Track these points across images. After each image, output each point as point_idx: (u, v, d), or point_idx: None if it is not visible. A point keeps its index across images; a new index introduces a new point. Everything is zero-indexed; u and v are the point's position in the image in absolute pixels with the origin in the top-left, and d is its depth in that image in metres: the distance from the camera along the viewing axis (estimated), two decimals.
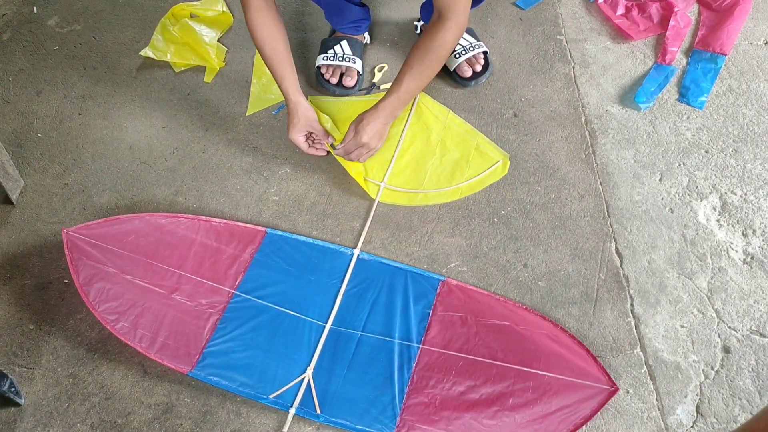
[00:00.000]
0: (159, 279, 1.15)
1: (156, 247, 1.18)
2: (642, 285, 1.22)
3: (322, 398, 1.06)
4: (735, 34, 1.59)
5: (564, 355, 1.09)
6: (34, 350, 1.13)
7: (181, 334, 1.10)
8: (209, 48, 1.53)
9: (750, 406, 1.09)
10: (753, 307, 1.20)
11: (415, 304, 1.16)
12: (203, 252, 1.20)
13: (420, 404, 1.06)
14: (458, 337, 1.12)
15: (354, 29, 1.51)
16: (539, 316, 1.15)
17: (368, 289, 1.18)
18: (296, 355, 1.10)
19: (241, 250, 1.21)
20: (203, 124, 1.45)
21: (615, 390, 1.06)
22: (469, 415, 1.04)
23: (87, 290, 1.11)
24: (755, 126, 1.45)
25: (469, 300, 1.17)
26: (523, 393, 1.06)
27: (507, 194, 1.34)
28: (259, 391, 1.06)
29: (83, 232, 1.16)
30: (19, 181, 1.32)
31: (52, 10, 1.67)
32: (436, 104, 1.46)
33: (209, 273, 1.17)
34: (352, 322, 1.14)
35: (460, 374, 1.08)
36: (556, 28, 1.64)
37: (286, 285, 1.18)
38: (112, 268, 1.14)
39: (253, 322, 1.13)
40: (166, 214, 1.22)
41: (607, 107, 1.48)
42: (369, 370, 1.09)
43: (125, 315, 1.10)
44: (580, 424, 1.04)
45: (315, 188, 1.35)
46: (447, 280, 1.19)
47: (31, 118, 1.45)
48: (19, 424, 1.06)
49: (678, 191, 1.35)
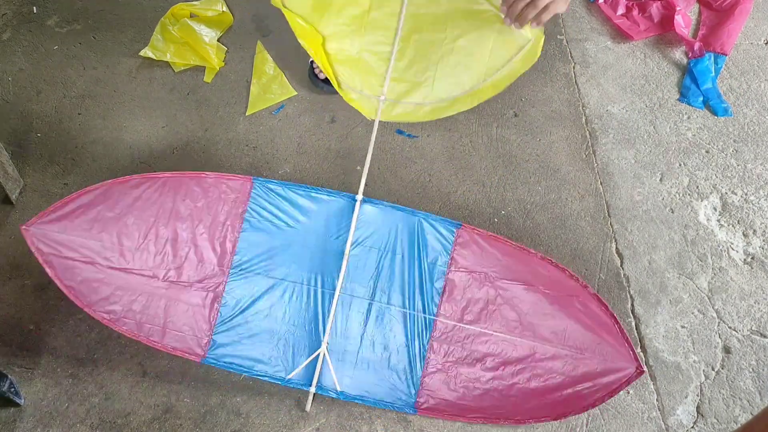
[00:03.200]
0: (146, 263, 1.04)
1: (129, 222, 1.04)
2: (642, 285, 1.22)
3: (340, 373, 1.03)
4: (735, 33, 1.59)
5: (590, 327, 1.05)
6: (33, 350, 1.13)
7: (184, 320, 1.04)
8: (209, 48, 1.53)
9: (750, 406, 1.09)
10: (753, 307, 1.20)
11: (429, 260, 1.06)
12: (188, 223, 1.06)
13: (439, 374, 1.04)
14: (476, 302, 1.06)
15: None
16: (566, 273, 1.06)
17: (377, 245, 1.06)
18: (308, 328, 1.05)
19: (228, 211, 1.07)
20: (203, 124, 1.45)
21: (640, 372, 1.03)
22: (489, 385, 1.03)
23: (76, 291, 1.01)
24: (756, 126, 1.45)
25: (488, 254, 1.06)
26: (544, 366, 1.04)
27: (507, 194, 1.34)
28: (276, 372, 1.03)
29: (44, 224, 1.02)
30: (18, 181, 1.32)
31: (52, 9, 1.67)
32: None
33: (199, 249, 1.06)
34: (362, 288, 1.06)
35: (478, 344, 1.05)
36: (556, 27, 1.64)
37: (285, 251, 1.07)
38: (91, 258, 1.02)
39: (256, 299, 1.06)
40: (133, 176, 1.06)
41: (608, 107, 1.48)
42: (385, 342, 1.05)
43: (124, 310, 1.03)
44: (600, 399, 1.03)
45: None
46: (464, 227, 1.07)
47: (31, 118, 1.45)
48: (19, 425, 1.05)
49: (678, 191, 1.34)
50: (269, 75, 1.52)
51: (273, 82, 1.51)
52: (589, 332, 1.05)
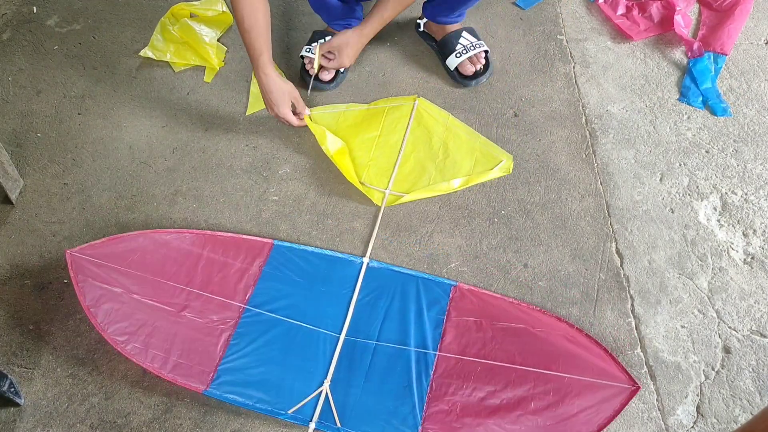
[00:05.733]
0: (167, 297, 1.13)
1: (162, 264, 1.16)
2: (642, 285, 1.22)
3: (342, 410, 1.05)
4: (735, 33, 1.59)
5: (582, 355, 1.09)
6: (33, 350, 1.13)
7: (194, 352, 1.08)
8: (209, 48, 1.53)
9: (750, 406, 1.09)
10: (753, 307, 1.20)
11: (428, 310, 1.15)
12: (211, 267, 1.18)
13: (441, 412, 1.05)
14: (474, 342, 1.11)
15: (342, 27, 1.50)
16: (554, 317, 1.14)
17: (380, 298, 1.17)
18: (312, 368, 1.09)
19: (249, 263, 1.19)
20: (203, 123, 1.45)
21: (636, 388, 1.05)
22: (491, 420, 1.03)
23: (95, 312, 1.08)
24: (756, 126, 1.45)
25: (482, 304, 1.16)
26: (544, 396, 1.05)
27: (507, 194, 1.34)
28: (276, 407, 1.05)
29: (87, 252, 1.14)
30: (18, 181, 1.32)
31: (52, 9, 1.67)
32: (435, 108, 1.46)
33: (218, 288, 1.15)
34: (366, 332, 1.13)
35: (479, 380, 1.07)
36: (556, 27, 1.64)
37: (297, 297, 1.16)
38: (119, 287, 1.12)
39: (266, 336, 1.12)
40: (169, 230, 1.20)
41: (608, 107, 1.48)
42: (387, 380, 1.08)
43: (136, 335, 1.08)
44: (603, 424, 1.03)
45: (315, 188, 1.34)
46: (459, 285, 1.18)
47: (31, 118, 1.45)
48: (19, 424, 1.05)
49: (678, 191, 1.34)
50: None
51: None
52: (583, 360, 1.08)
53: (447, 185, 1.32)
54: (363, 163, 1.36)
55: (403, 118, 1.44)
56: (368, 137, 1.40)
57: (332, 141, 1.34)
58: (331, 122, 1.43)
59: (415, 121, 1.43)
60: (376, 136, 1.41)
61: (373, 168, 1.36)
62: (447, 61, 1.51)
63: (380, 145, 1.39)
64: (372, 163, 1.36)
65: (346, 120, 1.44)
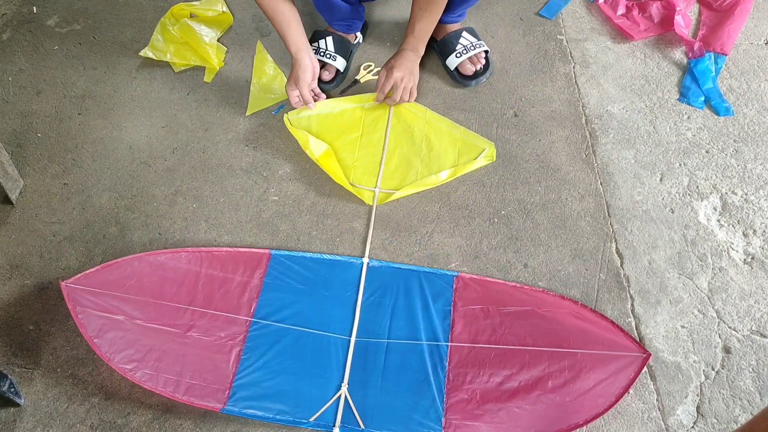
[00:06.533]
0: (171, 318, 1.12)
1: (161, 286, 1.15)
2: (642, 285, 1.22)
3: (363, 412, 1.05)
4: (735, 33, 1.59)
5: (591, 330, 1.11)
6: (33, 350, 1.13)
7: (206, 371, 1.07)
8: (209, 48, 1.53)
9: (750, 406, 1.09)
10: (753, 307, 1.20)
11: (434, 303, 1.16)
12: (211, 284, 1.17)
13: (461, 401, 1.06)
14: (484, 329, 1.13)
15: (344, 27, 1.51)
16: (558, 296, 1.16)
17: (385, 296, 1.17)
18: (327, 374, 1.09)
19: (249, 275, 1.18)
20: (203, 123, 1.45)
21: (648, 356, 1.08)
22: (512, 403, 1.05)
23: (99, 343, 1.06)
24: (756, 126, 1.45)
25: (486, 291, 1.18)
26: (560, 373, 1.07)
27: (507, 194, 1.34)
28: (298, 417, 1.04)
29: (83, 282, 1.12)
30: (18, 181, 1.32)
31: (52, 9, 1.67)
32: (413, 103, 1.46)
33: (222, 304, 1.14)
34: (376, 331, 1.13)
35: (494, 365, 1.09)
36: (556, 27, 1.64)
37: (302, 304, 1.16)
38: (120, 315, 1.10)
39: (276, 347, 1.11)
40: (163, 251, 1.19)
41: (608, 107, 1.48)
42: (403, 376, 1.08)
43: (144, 361, 1.06)
44: (620, 394, 1.05)
45: (315, 188, 1.34)
46: (461, 275, 1.19)
47: (31, 118, 1.45)
48: (19, 425, 1.05)
49: (678, 191, 1.34)
50: (269, 75, 1.52)
51: (273, 82, 1.51)
52: (592, 335, 1.10)
53: (435, 178, 1.33)
54: (349, 164, 1.37)
55: (383, 115, 1.44)
56: (350, 138, 1.41)
57: (315, 145, 1.34)
58: (311, 125, 1.42)
59: (394, 118, 1.44)
60: (358, 136, 1.41)
61: (359, 168, 1.36)
62: (447, 61, 1.51)
63: (363, 144, 1.40)
64: (358, 164, 1.37)
65: (324, 122, 1.43)
